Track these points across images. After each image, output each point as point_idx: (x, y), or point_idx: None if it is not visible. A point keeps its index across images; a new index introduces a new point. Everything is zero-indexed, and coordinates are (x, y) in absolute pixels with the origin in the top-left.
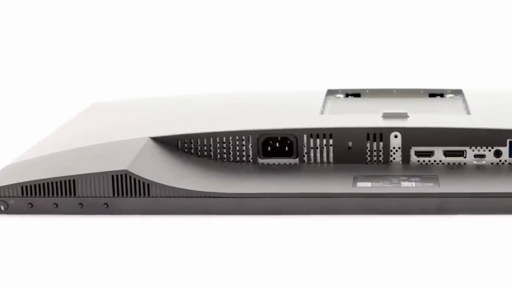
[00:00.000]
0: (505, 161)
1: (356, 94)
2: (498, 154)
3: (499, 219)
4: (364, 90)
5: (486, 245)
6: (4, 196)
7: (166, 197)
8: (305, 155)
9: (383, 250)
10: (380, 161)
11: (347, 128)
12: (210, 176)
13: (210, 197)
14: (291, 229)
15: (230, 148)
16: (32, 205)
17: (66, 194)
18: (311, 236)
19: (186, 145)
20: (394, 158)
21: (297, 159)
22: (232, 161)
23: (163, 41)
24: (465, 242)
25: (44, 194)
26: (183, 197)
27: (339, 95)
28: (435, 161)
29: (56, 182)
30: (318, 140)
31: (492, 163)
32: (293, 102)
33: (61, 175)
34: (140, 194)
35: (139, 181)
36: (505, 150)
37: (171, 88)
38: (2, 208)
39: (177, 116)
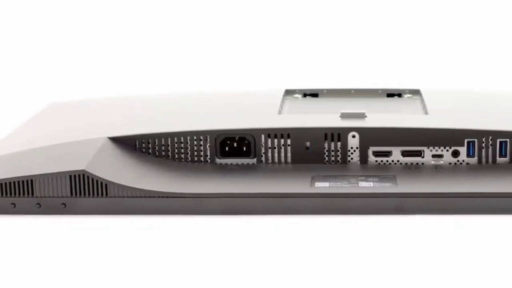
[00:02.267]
0: (463, 161)
1: (314, 94)
2: (455, 154)
3: (456, 219)
4: (322, 90)
5: (443, 245)
6: None
7: (124, 197)
8: (263, 155)
9: (341, 250)
10: (338, 161)
11: (305, 128)
12: (168, 176)
13: (168, 197)
14: (249, 229)
15: (188, 148)
16: None
17: (23, 194)
18: (268, 236)
19: (144, 145)
20: (352, 158)
21: (255, 159)
22: (190, 161)
23: (121, 41)
24: (422, 242)
25: (2, 194)
26: (141, 197)
27: (297, 95)
28: (393, 161)
29: (14, 182)
30: (276, 140)
31: (450, 163)
32: (251, 102)
33: (18, 175)
34: (98, 194)
35: (97, 181)
36: (462, 150)
37: (130, 88)
38: None
39: (135, 116)
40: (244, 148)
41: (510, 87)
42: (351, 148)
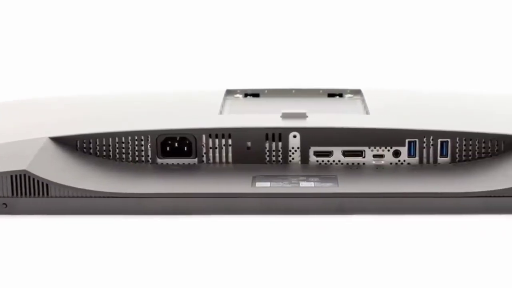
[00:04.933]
0: (404, 161)
1: (255, 94)
2: (397, 154)
3: (398, 219)
4: (263, 90)
5: (384, 245)
6: None
7: (65, 197)
8: (204, 155)
9: (281, 250)
10: (279, 161)
11: (246, 128)
12: (109, 176)
13: (109, 197)
14: (191, 229)
15: (129, 148)
16: None
17: None
18: (210, 236)
19: (85, 145)
20: (293, 158)
21: (196, 159)
22: (131, 161)
23: (63, 41)
24: (364, 242)
25: None
26: (82, 197)
27: (238, 95)
28: (334, 161)
29: None
30: (217, 140)
31: (391, 163)
32: (192, 102)
33: None
34: (39, 194)
35: (38, 181)
36: (403, 150)
37: (73, 88)
38: None
39: (77, 116)
40: (185, 148)
41: (450, 87)
42: (292, 148)
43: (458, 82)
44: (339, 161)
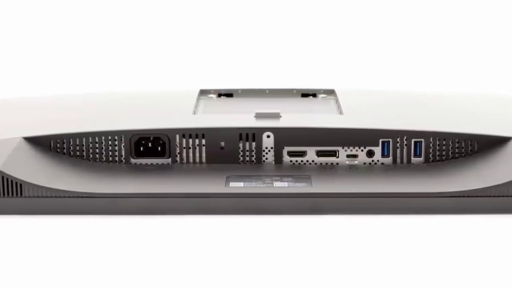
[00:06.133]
0: (378, 161)
1: (229, 94)
2: (370, 154)
3: (371, 219)
4: (237, 90)
5: (358, 245)
6: None
7: (39, 197)
8: (178, 155)
9: (254, 250)
10: (253, 161)
11: (219, 128)
12: (83, 176)
13: (82, 197)
14: (164, 229)
15: (102, 148)
16: None
17: None
18: (183, 236)
19: (59, 145)
20: (266, 158)
21: (170, 159)
22: (105, 161)
23: (35, 42)
24: (337, 242)
25: None
26: (56, 197)
27: (211, 95)
28: (307, 161)
29: None
30: (190, 140)
31: (364, 163)
32: (166, 102)
33: None
34: (12, 194)
35: (11, 181)
36: (377, 150)
37: (47, 88)
38: None
39: (51, 116)
40: (159, 148)
41: (424, 87)
42: (266, 148)
43: (431, 82)
44: (312, 161)
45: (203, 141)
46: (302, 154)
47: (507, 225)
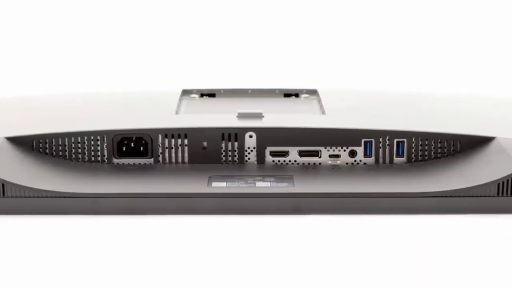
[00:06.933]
0: (360, 161)
1: (211, 94)
2: (353, 154)
3: (353, 219)
4: (219, 90)
5: (339, 245)
6: None
7: (21, 197)
8: (160, 155)
9: (236, 250)
10: (235, 161)
11: (202, 128)
12: (65, 176)
13: (65, 197)
14: (147, 229)
15: (85, 148)
16: None
17: None
18: (165, 236)
19: (41, 145)
20: (249, 158)
21: (152, 159)
22: (87, 161)
23: (14, 42)
24: (319, 242)
25: None
26: (39, 197)
27: (194, 95)
28: (290, 161)
29: None
30: (173, 140)
31: (347, 163)
32: (148, 102)
33: None
34: None
35: None
36: (360, 150)
37: (29, 88)
38: None
39: (33, 116)
40: (141, 148)
41: (406, 87)
42: (248, 148)
43: (414, 82)
44: (295, 161)
45: (186, 141)
46: (285, 154)
47: (489, 225)
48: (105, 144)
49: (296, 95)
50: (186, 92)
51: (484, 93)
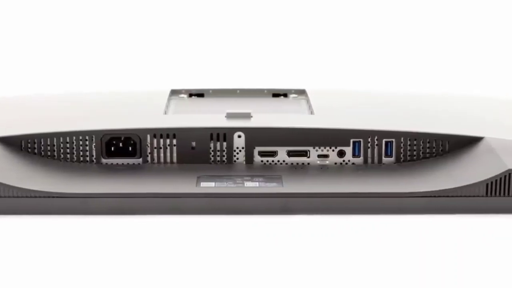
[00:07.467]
0: (349, 161)
1: (200, 94)
2: (341, 154)
3: (342, 219)
4: (208, 90)
5: (328, 245)
6: None
7: (10, 197)
8: (149, 155)
9: (225, 250)
10: (224, 161)
11: (190, 128)
12: (54, 176)
13: (54, 197)
14: (135, 229)
15: (73, 148)
16: None
17: None
18: (154, 236)
19: (30, 145)
20: (237, 158)
21: (141, 159)
22: (76, 161)
23: (5, 42)
24: (308, 242)
25: None
26: (27, 197)
27: (182, 95)
28: (278, 161)
29: None
30: (161, 140)
31: (335, 163)
32: (137, 102)
33: None
34: None
35: None
36: (348, 150)
37: (17, 88)
38: None
39: (22, 116)
40: (130, 148)
41: (395, 87)
42: (237, 148)
43: (402, 82)
44: (283, 161)
45: (174, 141)
46: (273, 154)
47: (477, 225)
48: (94, 144)
49: (285, 95)
50: (174, 92)
51: (472, 92)
